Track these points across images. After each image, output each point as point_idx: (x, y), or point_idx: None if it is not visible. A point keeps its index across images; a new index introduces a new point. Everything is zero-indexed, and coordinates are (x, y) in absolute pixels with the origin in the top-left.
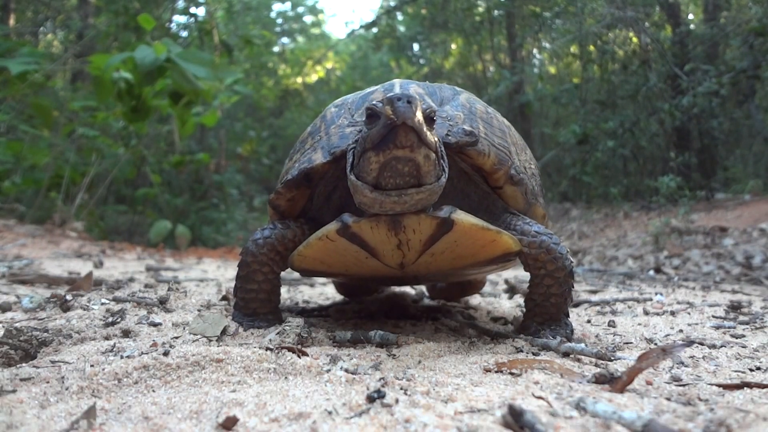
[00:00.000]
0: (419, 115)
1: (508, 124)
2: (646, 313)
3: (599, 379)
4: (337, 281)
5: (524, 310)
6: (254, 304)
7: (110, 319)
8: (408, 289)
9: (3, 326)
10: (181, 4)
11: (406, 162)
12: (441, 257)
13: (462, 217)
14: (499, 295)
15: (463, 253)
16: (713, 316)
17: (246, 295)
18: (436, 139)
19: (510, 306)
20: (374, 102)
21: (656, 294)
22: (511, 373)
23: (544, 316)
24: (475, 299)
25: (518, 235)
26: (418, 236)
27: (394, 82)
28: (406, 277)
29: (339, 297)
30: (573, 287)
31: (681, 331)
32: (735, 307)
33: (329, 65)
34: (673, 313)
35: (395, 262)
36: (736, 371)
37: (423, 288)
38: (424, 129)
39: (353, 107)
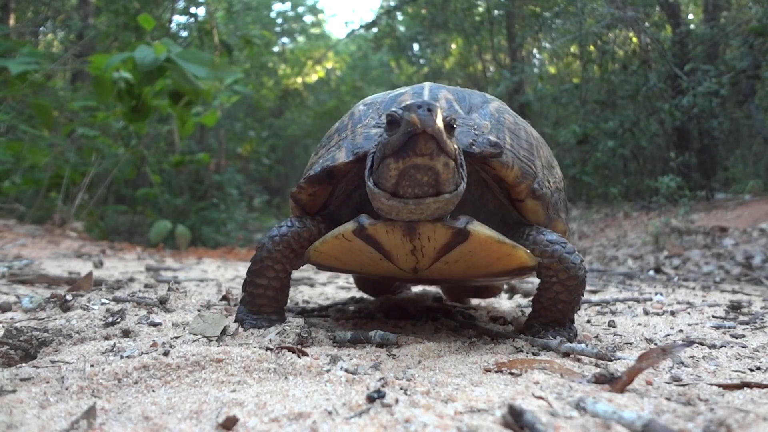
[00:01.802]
0: (439, 123)
1: (537, 136)
2: (646, 313)
3: (599, 379)
4: (357, 276)
5: (525, 310)
6: (261, 301)
7: (110, 319)
8: (418, 289)
9: (3, 326)
10: (181, 4)
11: (426, 170)
12: (455, 266)
13: (478, 228)
14: (499, 295)
15: (478, 264)
16: (713, 316)
17: (254, 290)
18: (455, 146)
19: (510, 306)
20: (394, 109)
21: (656, 294)
22: (511, 373)
23: (549, 318)
24: (475, 299)
25: (531, 244)
26: (432, 244)
27: (423, 86)
28: (421, 279)
29: (339, 297)
30: (582, 295)
31: (681, 331)
32: (735, 307)
33: (329, 65)
34: (673, 313)
35: (409, 266)
36: (736, 371)
37: (433, 289)
38: (444, 137)
39: (381, 107)
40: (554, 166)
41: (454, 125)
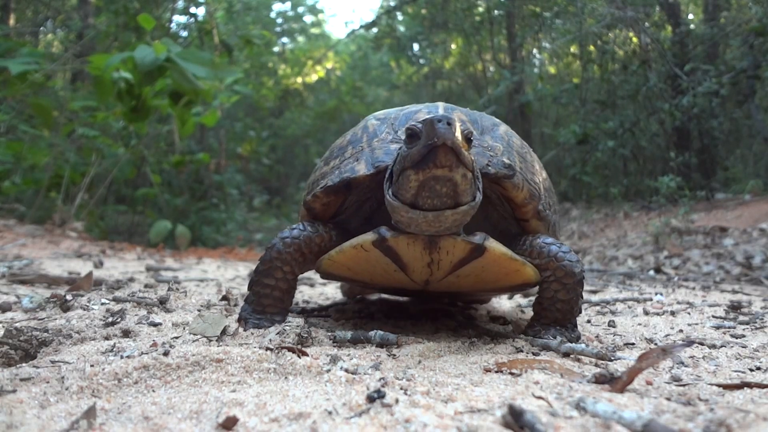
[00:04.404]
0: (458, 136)
1: (537, 159)
2: (646, 313)
3: (599, 379)
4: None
5: (525, 310)
6: (266, 301)
7: (110, 319)
8: None
9: (3, 326)
10: (181, 4)
11: (445, 181)
12: (465, 279)
13: (494, 245)
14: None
15: (487, 278)
16: (713, 316)
17: (261, 290)
18: (472, 158)
19: (510, 306)
20: (414, 123)
21: (656, 294)
22: (511, 373)
23: (550, 319)
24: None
25: (528, 248)
26: (449, 257)
27: (438, 105)
28: (426, 291)
29: (339, 297)
30: (582, 296)
31: (681, 331)
32: (735, 307)
33: (329, 65)
34: (673, 313)
35: (422, 278)
36: (736, 371)
37: None
38: (463, 149)
39: (396, 123)
40: (551, 189)
41: (471, 138)
